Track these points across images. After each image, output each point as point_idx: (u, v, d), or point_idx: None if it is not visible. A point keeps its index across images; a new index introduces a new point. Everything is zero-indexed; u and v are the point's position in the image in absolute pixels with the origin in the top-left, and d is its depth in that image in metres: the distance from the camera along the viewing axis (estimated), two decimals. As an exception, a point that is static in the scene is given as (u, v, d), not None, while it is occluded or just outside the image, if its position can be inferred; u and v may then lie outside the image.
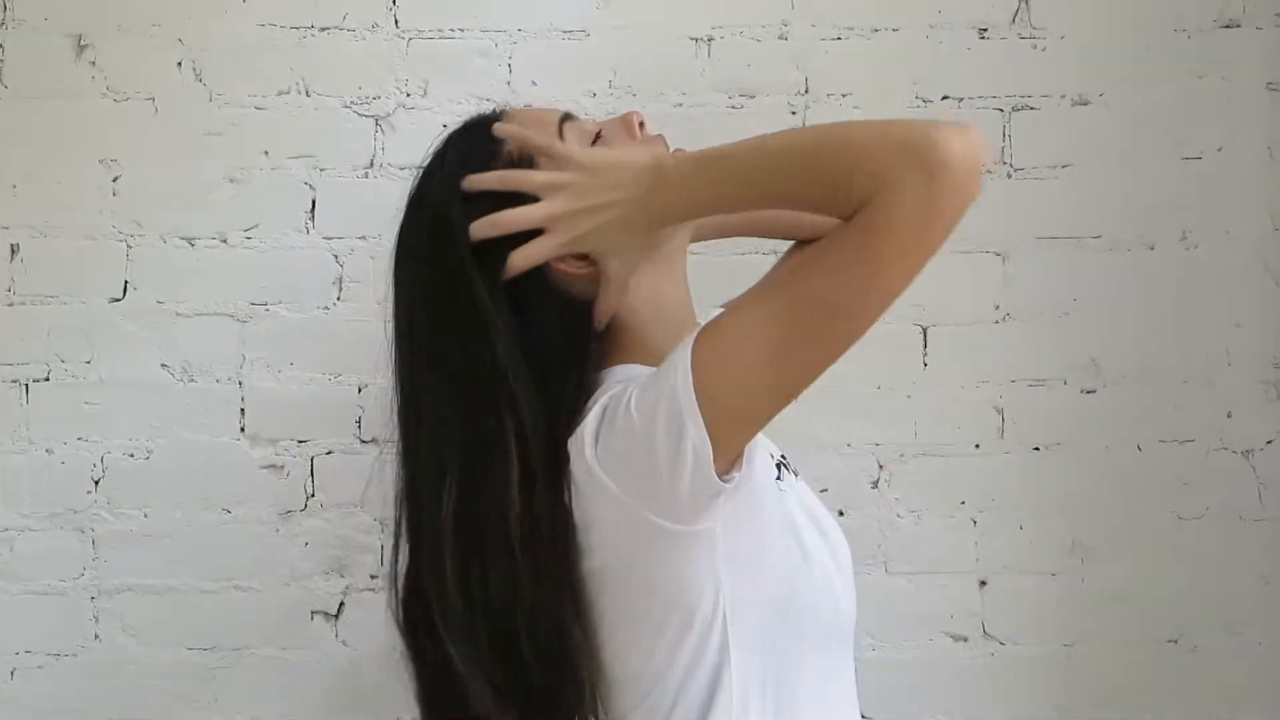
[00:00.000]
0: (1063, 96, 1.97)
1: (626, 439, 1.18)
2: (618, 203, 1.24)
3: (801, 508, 1.34)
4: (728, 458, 1.17)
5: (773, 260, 1.47)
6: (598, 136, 1.33)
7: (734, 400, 1.15)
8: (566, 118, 1.34)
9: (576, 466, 1.22)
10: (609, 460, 1.19)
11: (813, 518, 1.35)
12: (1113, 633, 1.96)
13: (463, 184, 1.28)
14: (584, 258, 1.28)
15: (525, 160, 1.29)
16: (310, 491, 1.94)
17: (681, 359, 1.16)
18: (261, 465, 1.94)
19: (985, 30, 1.97)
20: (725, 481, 1.17)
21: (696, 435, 1.14)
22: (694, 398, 1.14)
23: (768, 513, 1.26)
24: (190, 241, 1.94)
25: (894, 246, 1.13)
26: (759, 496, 1.24)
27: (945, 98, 1.96)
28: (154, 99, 1.94)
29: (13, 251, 1.92)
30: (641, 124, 1.37)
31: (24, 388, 1.93)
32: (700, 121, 1.93)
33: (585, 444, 1.20)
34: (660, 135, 1.37)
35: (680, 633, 1.23)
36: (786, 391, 1.18)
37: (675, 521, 1.18)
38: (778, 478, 1.30)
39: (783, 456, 1.37)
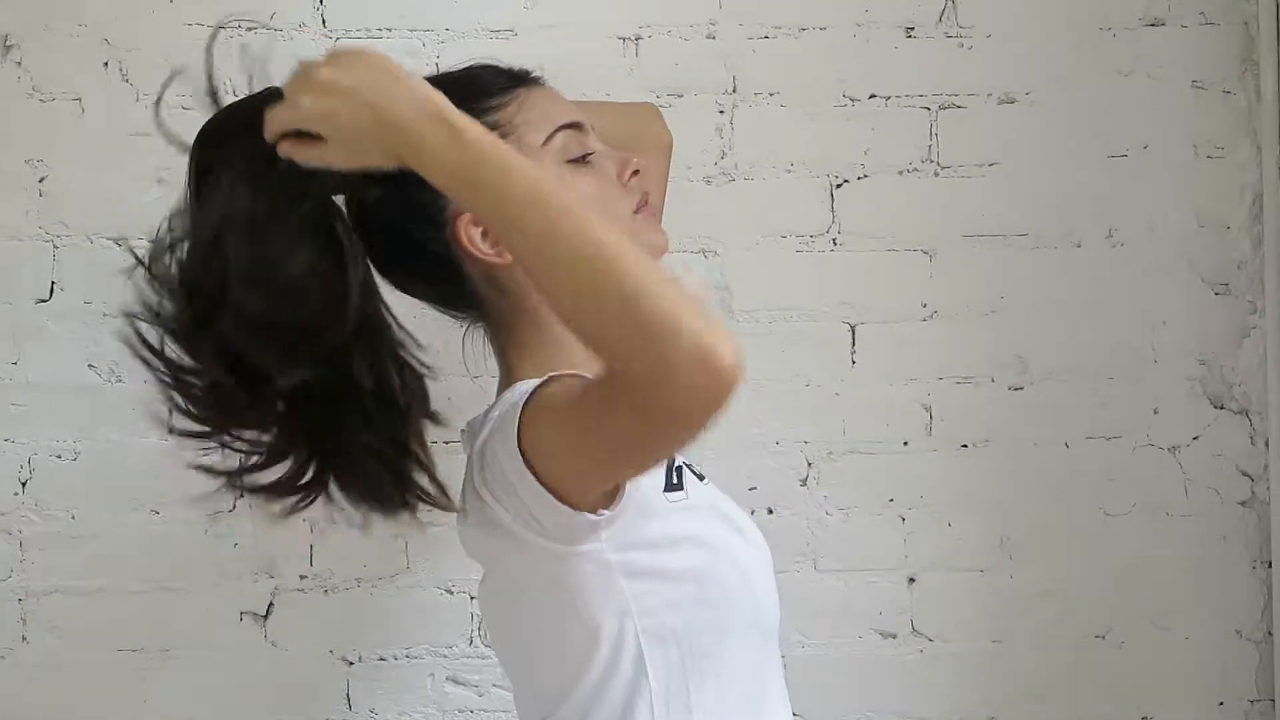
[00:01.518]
0: (989, 95, 1.97)
1: (495, 477, 1.22)
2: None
3: (711, 510, 1.34)
4: (589, 499, 1.19)
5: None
6: (587, 156, 1.33)
7: (566, 468, 1.18)
8: (574, 126, 1.34)
9: (471, 482, 1.27)
10: (494, 487, 1.23)
11: (726, 518, 1.35)
12: (1041, 629, 1.97)
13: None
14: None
15: None
16: (239, 492, 1.94)
17: (511, 425, 1.19)
18: (190, 466, 1.93)
19: (912, 29, 1.97)
20: (598, 516, 1.20)
21: (529, 493, 1.18)
22: (520, 462, 1.17)
23: (659, 526, 1.27)
24: (117, 242, 1.93)
25: (663, 431, 1.10)
26: (646, 513, 1.25)
27: (872, 96, 1.97)
28: (81, 99, 1.93)
29: (-62, 253, 1.92)
30: (635, 173, 1.36)
31: (-49, 389, 1.92)
32: (628, 121, 1.93)
33: (475, 469, 1.26)
34: (645, 193, 1.37)
35: (586, 650, 1.24)
36: (614, 477, 1.19)
37: (558, 543, 1.21)
38: (669, 488, 1.29)
39: (684, 463, 1.35)
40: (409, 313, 1.89)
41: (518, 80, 1.35)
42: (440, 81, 1.30)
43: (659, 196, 1.62)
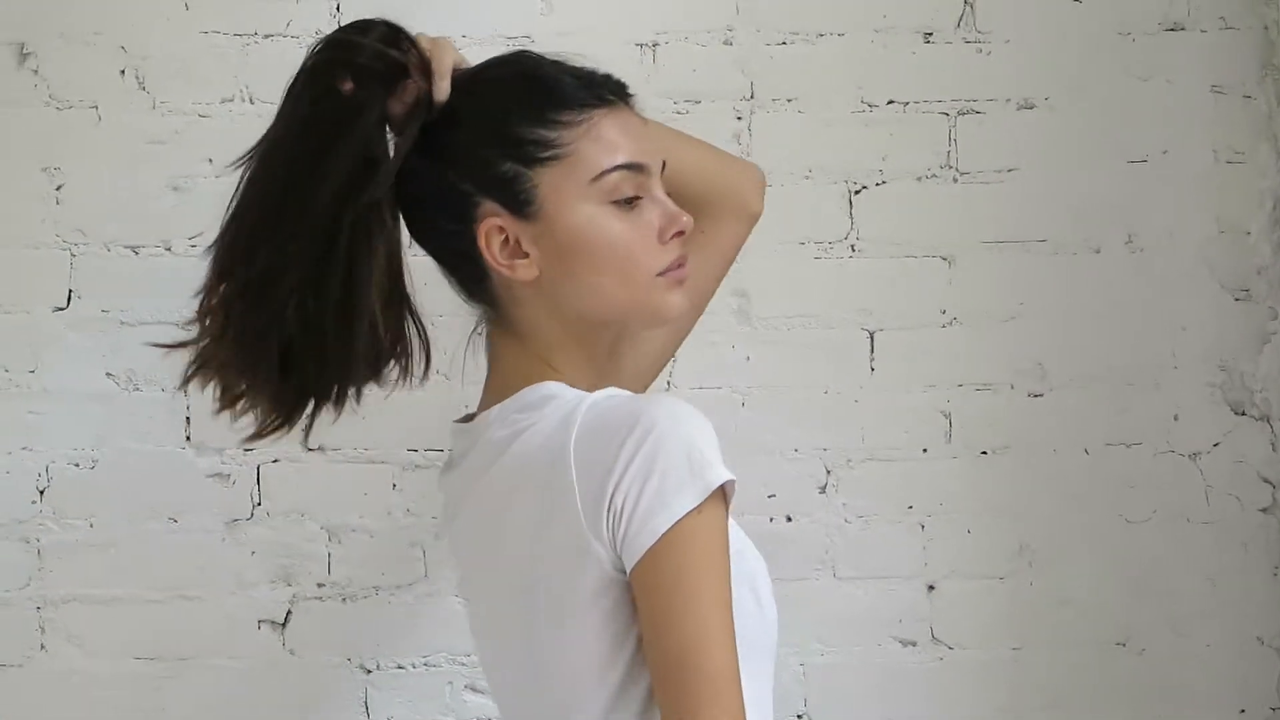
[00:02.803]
0: (1008, 100, 1.97)
1: (613, 531, 1.18)
2: None
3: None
4: None
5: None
6: (635, 200, 1.27)
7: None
8: (635, 168, 1.28)
9: (579, 508, 1.19)
10: (604, 538, 1.19)
11: (742, 538, 1.33)
12: (1060, 636, 1.96)
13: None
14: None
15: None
16: (256, 500, 1.94)
17: (647, 535, 1.16)
18: (207, 474, 1.94)
19: (930, 34, 1.97)
20: None
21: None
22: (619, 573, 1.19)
23: None
24: (134, 250, 1.93)
25: None
26: None
27: (890, 102, 1.96)
28: (97, 107, 1.93)
29: (-45, 261, 1.92)
30: (678, 234, 1.29)
31: (-32, 398, 1.92)
32: (645, 127, 1.92)
33: (582, 517, 1.19)
34: (682, 256, 1.30)
35: (609, 662, 1.22)
36: None
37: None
38: None
39: None
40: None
41: (599, 98, 1.28)
42: (525, 75, 1.29)
43: (717, 267, 1.55)
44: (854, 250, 1.96)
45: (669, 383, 1.94)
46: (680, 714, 1.14)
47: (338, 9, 1.94)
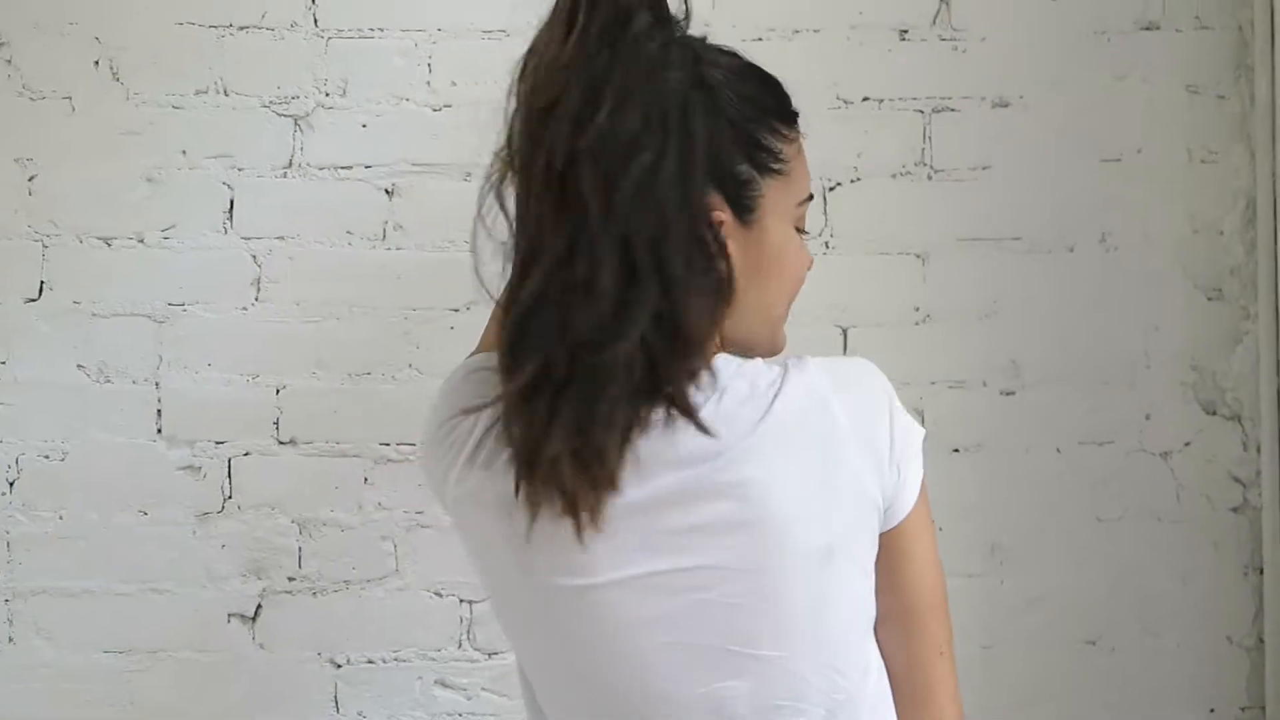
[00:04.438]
0: (983, 98, 1.97)
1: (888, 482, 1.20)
2: None
3: None
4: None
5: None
6: (802, 233, 1.26)
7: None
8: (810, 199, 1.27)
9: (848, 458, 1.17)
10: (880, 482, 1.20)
11: None
12: (1032, 634, 1.96)
13: None
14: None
15: None
16: (228, 493, 1.93)
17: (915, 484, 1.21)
18: (178, 467, 1.93)
19: (906, 32, 1.97)
20: None
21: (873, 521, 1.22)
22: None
23: None
24: (107, 241, 1.93)
25: None
26: None
27: (866, 99, 1.96)
28: (71, 98, 1.93)
29: (-74, 251, 1.91)
30: None
31: (-61, 388, 1.92)
32: (620, 122, 1.92)
33: (865, 473, 1.17)
34: None
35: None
36: None
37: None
38: None
39: None
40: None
41: (797, 115, 1.25)
42: (758, 73, 1.25)
43: None
44: (828, 247, 1.96)
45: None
46: (940, 646, 1.22)
47: (313, 1, 1.93)
